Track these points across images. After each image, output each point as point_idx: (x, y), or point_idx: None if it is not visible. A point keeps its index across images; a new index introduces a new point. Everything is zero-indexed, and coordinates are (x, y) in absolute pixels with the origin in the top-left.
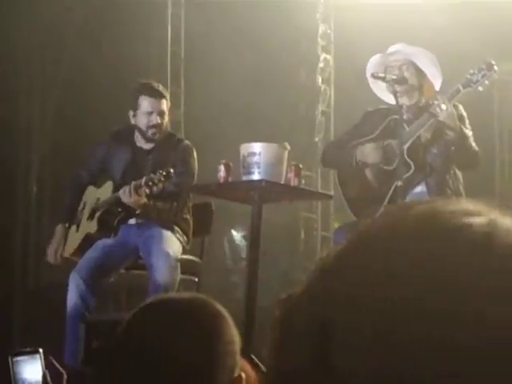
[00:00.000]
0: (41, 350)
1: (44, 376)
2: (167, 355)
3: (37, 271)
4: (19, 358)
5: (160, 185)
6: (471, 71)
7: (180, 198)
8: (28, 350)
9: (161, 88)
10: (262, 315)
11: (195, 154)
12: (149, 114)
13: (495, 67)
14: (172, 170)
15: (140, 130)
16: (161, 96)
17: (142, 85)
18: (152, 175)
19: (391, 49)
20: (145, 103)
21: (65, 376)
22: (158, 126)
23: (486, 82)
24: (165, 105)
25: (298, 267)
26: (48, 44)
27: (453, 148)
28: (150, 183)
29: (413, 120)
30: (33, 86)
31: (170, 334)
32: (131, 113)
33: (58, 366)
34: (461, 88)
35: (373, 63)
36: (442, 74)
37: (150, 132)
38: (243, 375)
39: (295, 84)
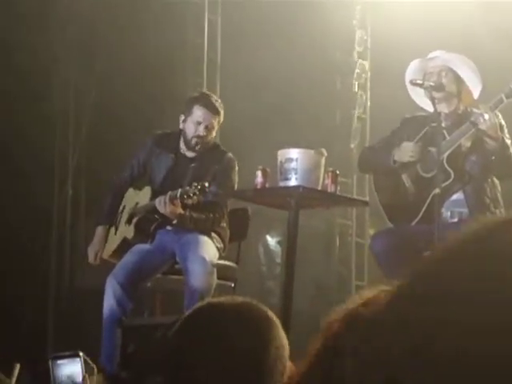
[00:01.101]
0: (81, 354)
1: (84, 379)
2: (220, 359)
3: (72, 273)
4: (59, 362)
5: (194, 198)
6: None
7: (218, 209)
8: (68, 353)
9: (218, 104)
10: (297, 321)
11: (237, 167)
12: (198, 123)
13: None
14: (207, 185)
15: (185, 137)
16: (216, 111)
17: (202, 94)
18: (187, 188)
19: (431, 55)
20: (198, 113)
21: (95, 371)
22: (202, 138)
23: None
24: (216, 121)
25: (332, 274)
26: (84, 41)
27: (493, 158)
28: (185, 196)
29: (452, 127)
30: (69, 86)
31: (222, 338)
32: (182, 117)
33: (89, 361)
34: (504, 98)
35: (412, 69)
36: (481, 81)
37: (194, 142)
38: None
39: (331, 90)
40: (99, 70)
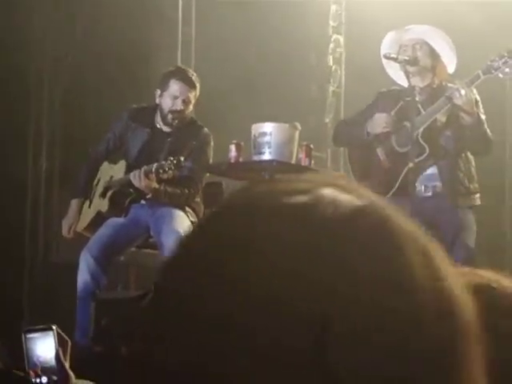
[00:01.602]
0: (54, 327)
1: (57, 353)
2: None
3: (46, 247)
4: (32, 335)
5: (170, 172)
6: (492, 58)
7: (193, 185)
8: (41, 327)
9: (194, 78)
10: None
11: (212, 142)
12: (175, 97)
13: None
14: (183, 159)
15: (162, 112)
16: (192, 85)
17: (177, 69)
18: (163, 162)
19: (406, 27)
20: (174, 87)
21: (69, 343)
22: (179, 113)
23: (507, 69)
24: (193, 94)
25: None
26: (59, 21)
27: (468, 133)
28: (160, 170)
29: (427, 102)
30: (43, 59)
31: None
32: (158, 92)
33: (62, 334)
34: (481, 74)
35: (387, 41)
36: (456, 55)
37: (170, 116)
38: None
39: (306, 64)
40: (75, 41)
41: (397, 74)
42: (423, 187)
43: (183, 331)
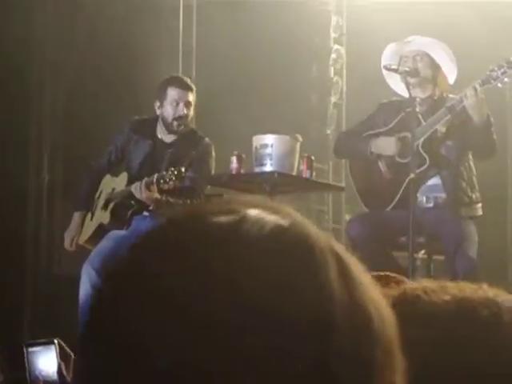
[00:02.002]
0: (56, 341)
1: (59, 367)
2: None
3: (48, 260)
4: (34, 349)
5: (171, 183)
6: (491, 68)
7: (195, 195)
8: (43, 340)
9: (189, 82)
10: None
11: (213, 152)
12: (176, 104)
13: None
14: (184, 169)
15: (165, 122)
16: (188, 88)
17: (171, 77)
18: (164, 173)
19: (406, 39)
20: (172, 93)
21: (72, 357)
22: (184, 118)
23: (506, 79)
24: (191, 97)
25: None
26: (60, 35)
27: (476, 135)
28: (161, 181)
29: (427, 113)
30: (45, 69)
31: None
32: (157, 103)
33: (65, 347)
34: (479, 85)
35: (388, 53)
36: (456, 66)
37: (176, 123)
38: None
39: (307, 76)
40: (76, 54)
41: (398, 86)
42: (425, 198)
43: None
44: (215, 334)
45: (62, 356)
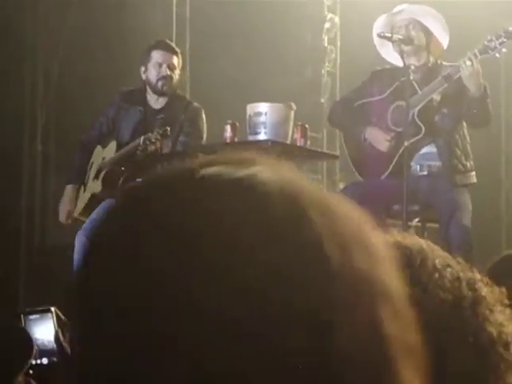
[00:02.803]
0: (53, 309)
1: (56, 334)
2: None
3: (42, 231)
4: (32, 317)
5: (157, 143)
6: (488, 37)
7: (188, 158)
8: (40, 308)
9: (173, 44)
10: None
11: (204, 115)
12: (159, 65)
13: None
14: (168, 129)
15: (150, 84)
16: (172, 51)
17: (156, 41)
18: (149, 134)
19: (396, 8)
20: (156, 55)
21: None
22: (167, 78)
23: (504, 49)
24: (176, 60)
25: None
26: (52, 9)
27: (472, 105)
28: (147, 142)
29: (422, 81)
30: (37, 44)
31: None
32: (142, 68)
33: (62, 316)
34: (477, 54)
35: (379, 23)
36: (448, 32)
37: (160, 84)
38: None
39: (301, 45)
40: (68, 28)
41: (390, 55)
42: (419, 166)
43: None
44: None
45: (59, 324)
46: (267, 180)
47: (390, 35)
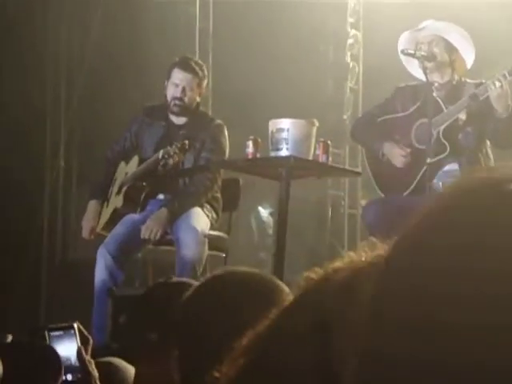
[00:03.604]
0: (76, 325)
1: (79, 351)
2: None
3: (64, 246)
4: (55, 333)
5: (175, 156)
6: None
7: (209, 174)
8: (63, 325)
9: (194, 64)
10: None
11: (226, 132)
12: (175, 85)
13: None
14: (187, 142)
15: (166, 101)
16: (193, 72)
17: (182, 58)
18: (168, 148)
19: (422, 25)
20: (175, 75)
21: (91, 341)
22: (179, 100)
23: None
24: (195, 82)
25: (324, 244)
26: (75, 22)
27: (500, 126)
28: (166, 156)
29: (447, 98)
30: (60, 60)
31: (235, 312)
32: (166, 83)
33: (84, 331)
34: (507, 75)
35: (403, 40)
36: (473, 49)
37: (172, 104)
38: None
39: (324, 61)
40: (92, 43)
41: (417, 71)
42: (441, 183)
43: None
44: None
45: (82, 340)
46: None
47: (413, 52)
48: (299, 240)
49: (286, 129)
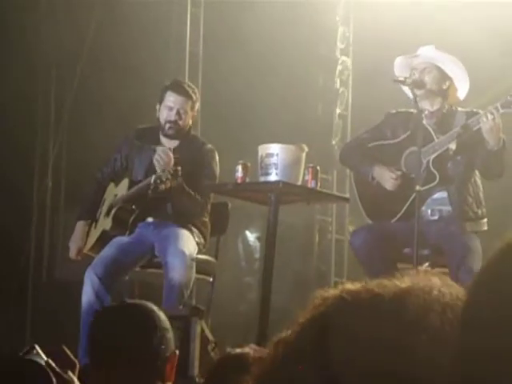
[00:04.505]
0: (36, 346)
1: (47, 363)
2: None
3: (50, 267)
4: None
5: (167, 182)
6: None
7: (201, 198)
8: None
9: (188, 87)
10: (276, 316)
11: (217, 157)
12: (169, 109)
13: None
14: (180, 168)
15: (160, 125)
16: (186, 94)
17: (174, 81)
18: (161, 173)
19: (417, 51)
20: (169, 98)
21: (77, 365)
22: (174, 123)
23: None
24: (188, 105)
25: (311, 269)
26: (65, 43)
27: (489, 158)
28: (158, 181)
29: (438, 126)
30: (50, 80)
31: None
32: (158, 106)
33: (70, 355)
34: (500, 108)
35: (397, 65)
36: (468, 80)
37: (167, 127)
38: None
39: (313, 86)
40: (81, 65)
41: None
42: (430, 211)
43: None
44: None
45: (68, 364)
46: None
47: (403, 79)
48: (286, 265)
49: (276, 154)
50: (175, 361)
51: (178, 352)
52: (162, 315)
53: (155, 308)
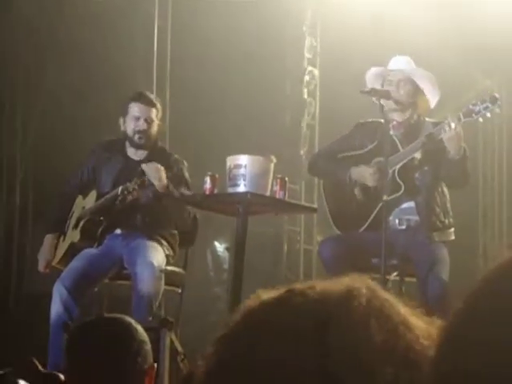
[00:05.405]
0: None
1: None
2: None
3: (19, 279)
4: None
5: (134, 192)
6: (473, 101)
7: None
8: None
9: (152, 97)
10: None
11: (186, 165)
12: (136, 119)
13: (499, 102)
14: (146, 178)
15: (128, 137)
16: (151, 104)
17: (135, 93)
18: (128, 184)
19: (393, 63)
20: (134, 109)
21: (62, 377)
22: (144, 132)
23: (488, 114)
24: (154, 113)
25: (280, 280)
26: (31, 52)
27: (452, 167)
28: (125, 192)
29: (404, 137)
30: (16, 96)
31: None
32: (121, 120)
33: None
34: (461, 117)
35: (370, 75)
36: (439, 92)
37: (137, 137)
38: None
39: (281, 97)
40: (46, 81)
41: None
42: (397, 220)
43: None
44: None
45: (35, 375)
46: None
47: (369, 90)
48: (255, 275)
49: (244, 165)
50: (153, 373)
51: (156, 365)
52: (139, 328)
53: (133, 321)
